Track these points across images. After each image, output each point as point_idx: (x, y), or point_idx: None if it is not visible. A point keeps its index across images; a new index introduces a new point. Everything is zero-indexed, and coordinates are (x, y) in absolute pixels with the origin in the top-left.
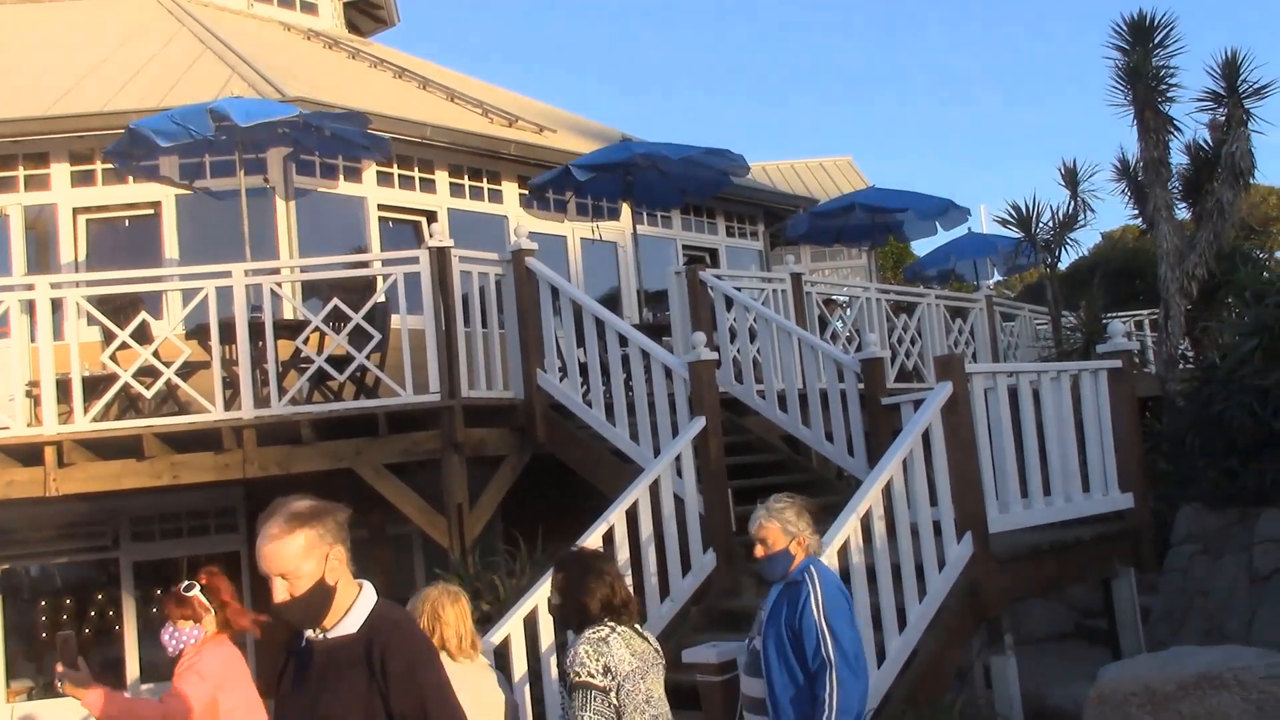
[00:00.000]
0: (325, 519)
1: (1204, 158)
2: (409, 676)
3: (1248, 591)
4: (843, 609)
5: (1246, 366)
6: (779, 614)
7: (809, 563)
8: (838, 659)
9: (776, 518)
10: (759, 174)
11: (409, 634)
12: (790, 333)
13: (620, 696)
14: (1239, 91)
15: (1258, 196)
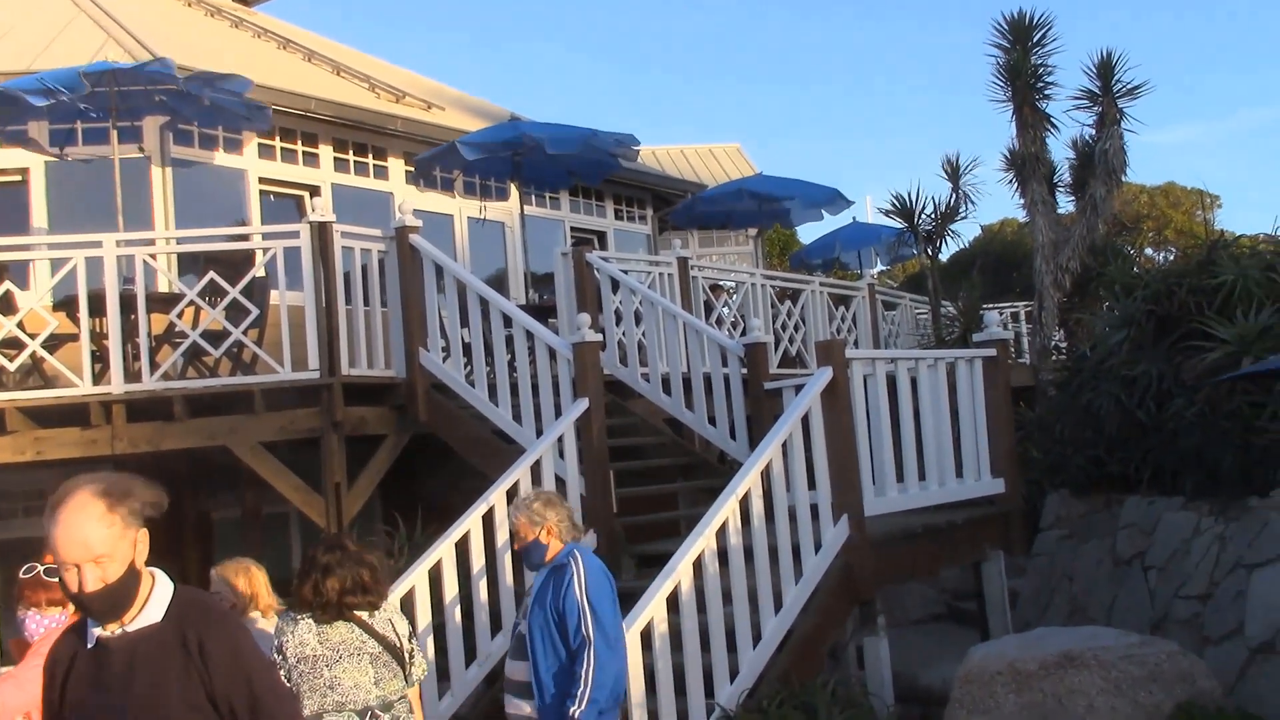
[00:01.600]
0: (133, 498)
1: (1080, 155)
2: (234, 663)
3: (1110, 575)
4: (605, 590)
5: (1115, 358)
6: (544, 597)
7: (572, 548)
8: (597, 636)
9: (524, 511)
10: (648, 158)
11: (222, 618)
12: (675, 316)
13: (295, 677)
14: (1113, 91)
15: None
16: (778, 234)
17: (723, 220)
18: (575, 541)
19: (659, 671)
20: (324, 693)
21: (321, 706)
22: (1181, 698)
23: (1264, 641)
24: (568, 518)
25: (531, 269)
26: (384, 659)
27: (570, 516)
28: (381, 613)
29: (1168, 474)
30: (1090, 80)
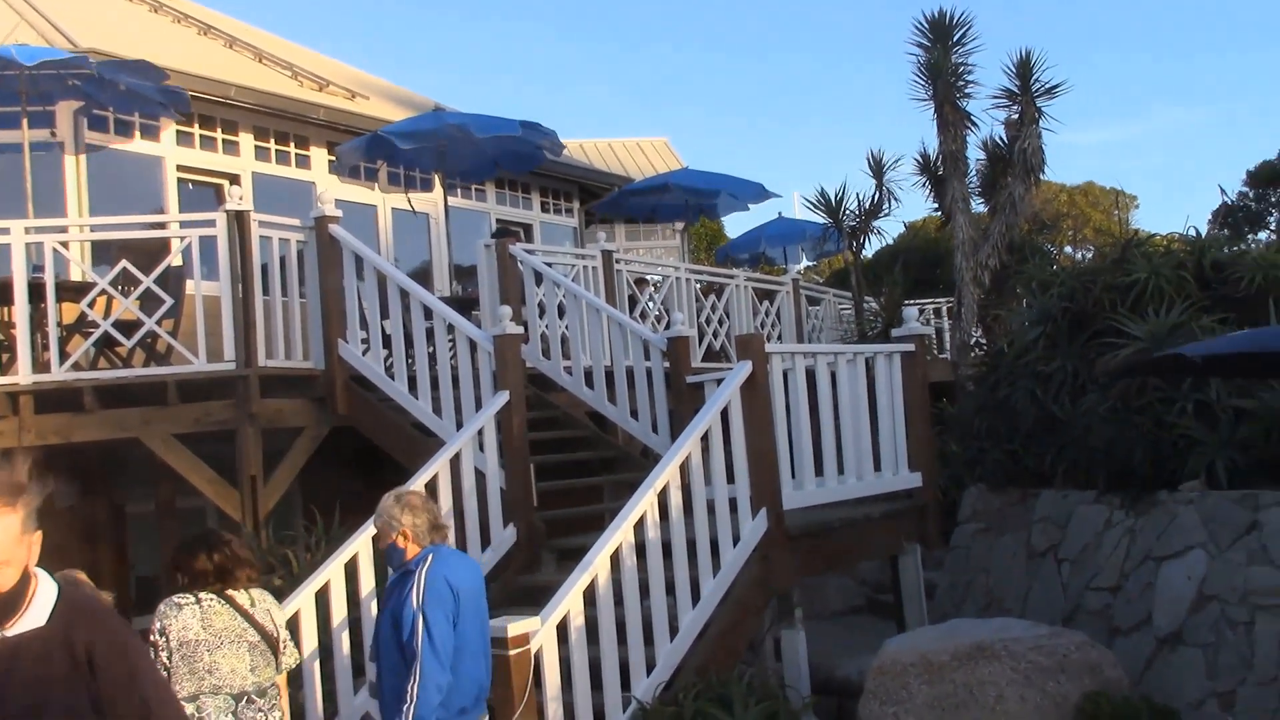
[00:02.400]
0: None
1: (1000, 153)
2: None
3: (1025, 567)
4: (441, 602)
5: (1031, 354)
6: (389, 600)
7: (428, 552)
8: (425, 650)
9: (382, 515)
10: (576, 151)
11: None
12: (599, 310)
13: (175, 660)
14: (1032, 90)
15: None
16: (705, 228)
17: (649, 213)
18: (437, 544)
19: (575, 665)
20: (202, 676)
21: (199, 689)
22: (1089, 687)
23: (1170, 632)
24: (426, 520)
25: (456, 261)
26: (261, 648)
27: (430, 519)
28: (261, 603)
29: (1081, 468)
30: (1009, 79)
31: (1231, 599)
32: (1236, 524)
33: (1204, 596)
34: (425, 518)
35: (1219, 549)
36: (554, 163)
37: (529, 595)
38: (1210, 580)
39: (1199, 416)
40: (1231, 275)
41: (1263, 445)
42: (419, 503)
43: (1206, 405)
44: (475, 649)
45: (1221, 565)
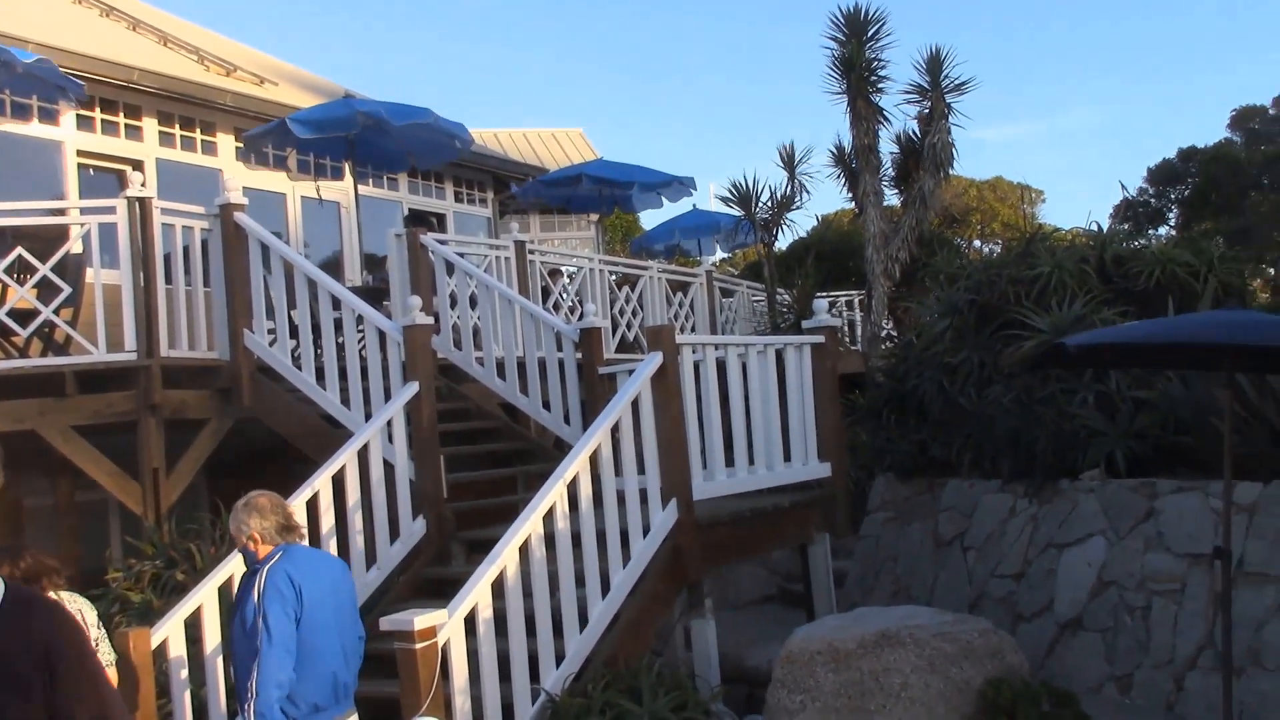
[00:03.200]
0: None
1: (912, 148)
2: (81, 668)
3: (932, 555)
4: (281, 599)
5: (938, 345)
6: (240, 597)
7: (277, 551)
8: (263, 645)
9: (233, 518)
10: (490, 141)
11: (65, 620)
12: (512, 301)
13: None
14: (941, 86)
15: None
16: (620, 219)
17: (563, 204)
18: (290, 544)
19: (483, 658)
20: None
21: None
22: (991, 673)
23: (1071, 618)
24: (275, 522)
25: (368, 251)
26: None
27: (280, 521)
28: (72, 602)
29: (987, 458)
30: (920, 75)
31: (1129, 585)
32: (1134, 511)
33: (1103, 583)
34: (274, 520)
35: (1118, 536)
36: (468, 152)
37: (439, 588)
38: (1109, 567)
39: (1099, 407)
40: (1132, 269)
41: (1160, 434)
42: (267, 505)
43: (1107, 396)
44: (328, 646)
45: (1120, 552)
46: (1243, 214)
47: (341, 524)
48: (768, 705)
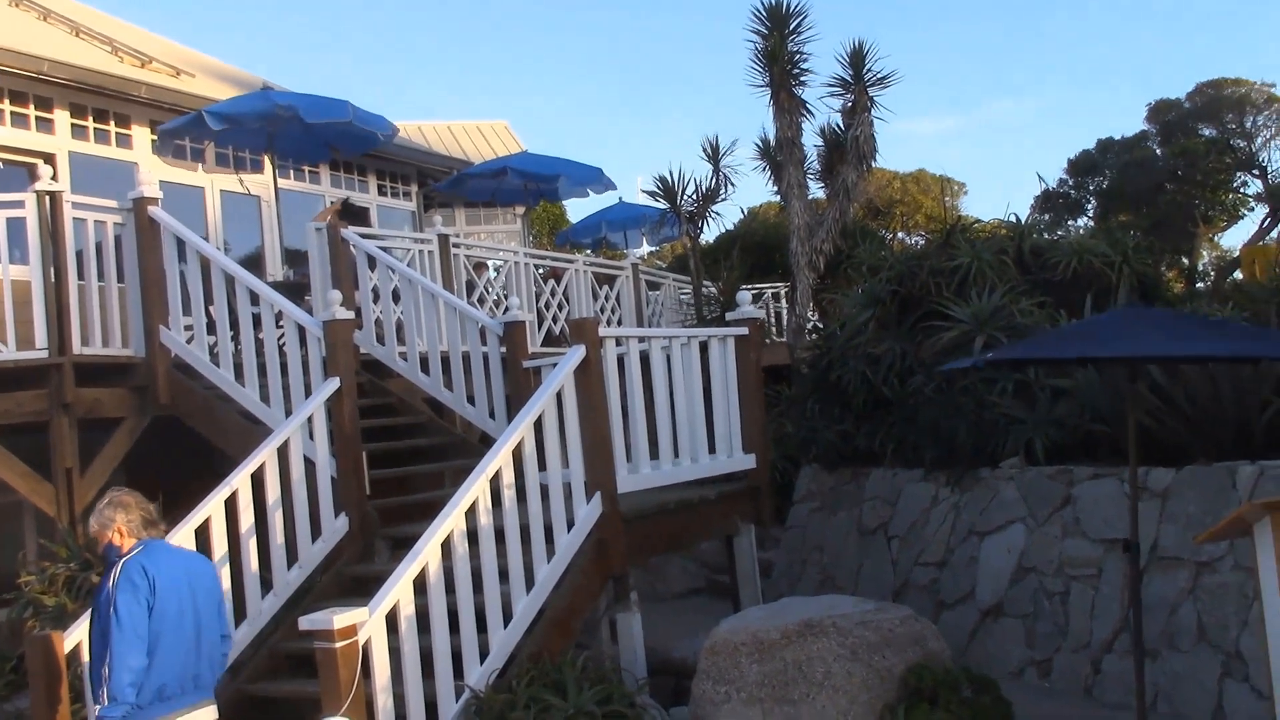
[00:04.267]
0: None
1: (836, 140)
2: None
3: (857, 545)
4: (134, 588)
5: (861, 336)
6: (98, 589)
7: (138, 545)
8: (114, 633)
9: (96, 515)
10: (414, 134)
11: None
12: (435, 295)
13: None
14: (864, 80)
15: (884, 179)
16: (547, 212)
17: (489, 197)
18: (153, 538)
19: (405, 655)
20: None
21: None
22: (913, 660)
23: (992, 604)
24: (139, 516)
25: (289, 245)
26: None
27: (143, 516)
28: None
29: (910, 447)
30: (843, 69)
31: (1048, 570)
32: (1052, 498)
33: (1023, 569)
34: (138, 514)
35: (1037, 523)
36: (390, 145)
37: (362, 585)
38: (1029, 553)
39: (1018, 396)
40: (1050, 260)
41: (1077, 422)
42: (132, 502)
43: (1026, 385)
44: (180, 638)
45: (1039, 538)
46: (1158, 206)
47: (261, 522)
48: (693, 697)
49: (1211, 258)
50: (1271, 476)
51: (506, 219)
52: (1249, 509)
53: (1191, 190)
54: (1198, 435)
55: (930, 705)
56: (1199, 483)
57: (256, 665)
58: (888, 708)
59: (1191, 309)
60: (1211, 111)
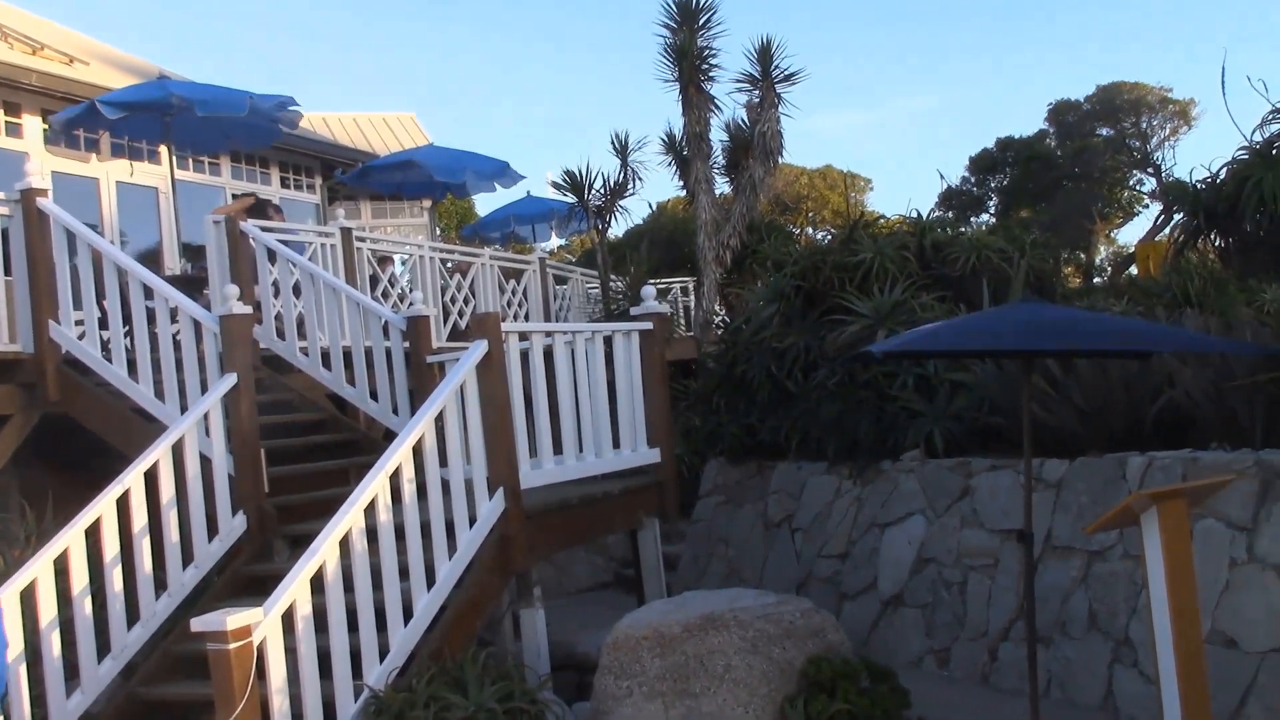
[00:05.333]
0: None
1: (743, 136)
2: None
3: (762, 538)
4: None
5: (766, 330)
6: None
7: None
8: None
9: None
10: (319, 125)
11: None
12: (337, 289)
13: None
14: (771, 76)
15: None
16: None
17: (394, 190)
18: None
19: (302, 656)
20: None
21: None
22: (813, 651)
23: (893, 595)
24: None
25: (187, 238)
26: None
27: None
28: None
29: (813, 440)
30: (751, 65)
31: (947, 561)
32: (951, 490)
33: (923, 560)
34: None
35: (936, 514)
36: (294, 137)
37: (260, 584)
38: (928, 544)
39: (919, 389)
40: (950, 255)
41: (975, 415)
42: None
43: (925, 379)
44: None
45: (938, 529)
46: (1057, 202)
47: (155, 522)
48: (594, 691)
49: (1108, 254)
50: (1160, 467)
51: (413, 212)
52: (1136, 499)
53: (1089, 188)
54: (1090, 427)
55: (829, 696)
56: (1091, 474)
57: (150, 668)
58: (788, 699)
59: (1088, 304)
60: (1109, 113)
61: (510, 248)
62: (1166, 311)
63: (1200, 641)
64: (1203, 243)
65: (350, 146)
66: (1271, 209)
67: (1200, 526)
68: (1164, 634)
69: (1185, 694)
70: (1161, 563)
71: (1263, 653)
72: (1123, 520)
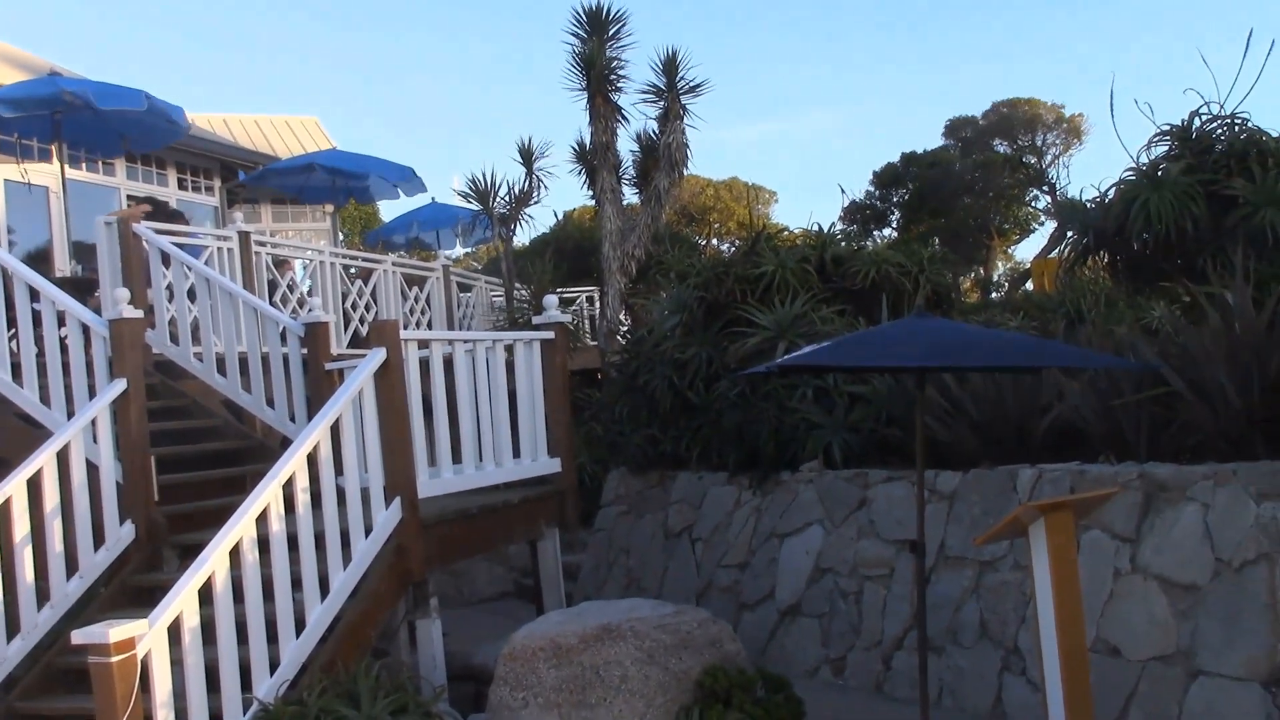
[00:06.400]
0: None
1: (652, 147)
2: None
3: (663, 547)
4: None
5: (669, 341)
6: None
7: None
8: None
9: None
10: (219, 127)
11: None
12: (233, 294)
13: None
14: (677, 87)
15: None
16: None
17: (296, 194)
18: None
19: (189, 668)
20: None
21: None
22: (709, 662)
23: (791, 605)
24: None
25: (79, 239)
26: None
27: None
28: None
29: (714, 451)
30: (657, 76)
31: (844, 571)
32: (849, 501)
33: (820, 570)
34: None
35: (834, 524)
36: (193, 138)
37: (148, 595)
38: (825, 554)
39: (818, 401)
40: (850, 269)
41: (873, 427)
42: None
43: (825, 391)
44: None
45: (836, 540)
46: (957, 217)
47: (38, 531)
48: (490, 703)
49: (1005, 269)
50: (1049, 479)
51: (315, 217)
52: (1024, 511)
53: (987, 204)
54: (983, 440)
55: (724, 706)
56: (983, 485)
57: (30, 682)
58: (683, 710)
59: (984, 319)
60: (1005, 129)
61: (415, 255)
62: (1060, 327)
63: (1085, 650)
64: (1093, 260)
65: (251, 149)
66: (1158, 229)
67: (1087, 538)
68: (1050, 643)
69: (1070, 701)
70: (1048, 573)
71: (1144, 660)
72: (1012, 531)
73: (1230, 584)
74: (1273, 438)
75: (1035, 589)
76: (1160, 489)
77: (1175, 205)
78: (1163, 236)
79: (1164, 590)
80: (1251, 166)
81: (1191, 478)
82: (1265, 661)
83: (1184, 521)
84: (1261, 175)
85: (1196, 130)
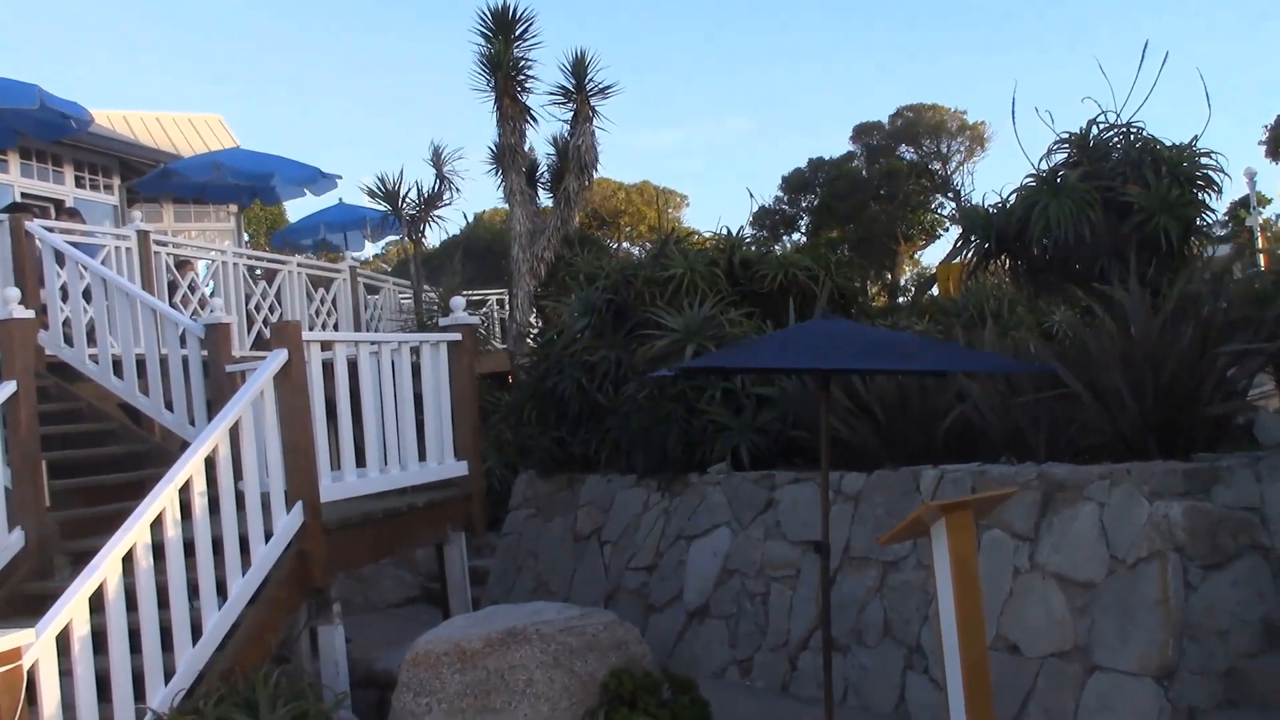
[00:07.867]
0: None
1: (564, 150)
2: None
3: (571, 550)
4: None
5: (578, 344)
6: None
7: None
8: None
9: None
10: (119, 124)
11: None
12: (130, 294)
13: None
14: (586, 89)
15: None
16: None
17: (198, 194)
18: None
19: (79, 679)
20: None
21: None
22: (615, 664)
23: (698, 606)
24: None
25: None
26: None
27: None
28: None
29: (623, 453)
30: (566, 77)
31: (751, 572)
32: (756, 503)
33: (727, 571)
34: None
35: (741, 526)
36: (91, 135)
37: (38, 604)
38: (733, 556)
39: (726, 403)
40: (758, 272)
41: (780, 429)
42: None
43: (732, 393)
44: None
45: (743, 541)
46: (864, 223)
47: None
48: (393, 710)
49: (912, 274)
50: (951, 480)
51: (219, 217)
52: (926, 511)
53: (894, 210)
54: (887, 441)
55: (630, 709)
56: (887, 486)
57: None
58: (589, 713)
59: (890, 322)
60: (910, 135)
61: (323, 256)
62: (964, 330)
63: (985, 648)
64: (995, 265)
65: (152, 147)
66: (1057, 235)
67: (987, 537)
68: (951, 641)
69: (970, 699)
70: (949, 572)
71: (1042, 657)
72: (914, 531)
73: (1125, 581)
74: (1167, 439)
75: (937, 588)
76: (1058, 489)
77: (1074, 211)
78: (1062, 242)
79: (1062, 588)
80: (1146, 174)
81: (1088, 477)
82: (1158, 657)
83: (1081, 520)
84: (1156, 183)
85: (1094, 138)
